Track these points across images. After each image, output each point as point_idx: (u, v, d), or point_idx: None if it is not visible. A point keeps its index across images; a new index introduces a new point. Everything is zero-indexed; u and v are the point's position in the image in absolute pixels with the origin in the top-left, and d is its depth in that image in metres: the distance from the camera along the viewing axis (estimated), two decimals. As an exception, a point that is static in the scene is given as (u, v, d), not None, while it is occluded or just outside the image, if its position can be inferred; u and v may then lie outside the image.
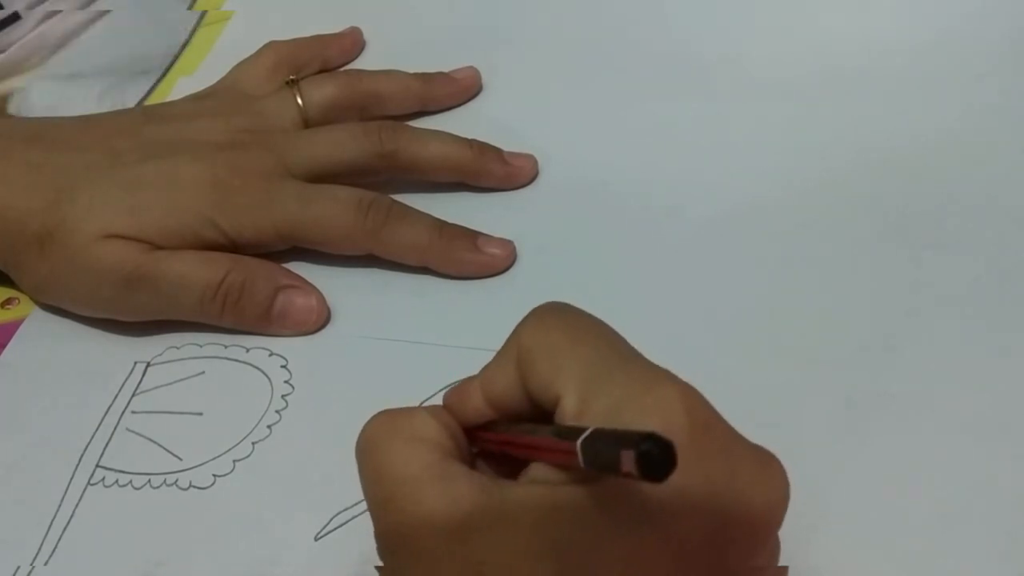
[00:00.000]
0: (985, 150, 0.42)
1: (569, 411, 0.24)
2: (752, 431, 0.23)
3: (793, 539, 0.24)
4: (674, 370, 0.26)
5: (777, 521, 0.23)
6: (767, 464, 0.23)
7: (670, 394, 0.23)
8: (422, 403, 0.36)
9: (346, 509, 0.33)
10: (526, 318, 0.27)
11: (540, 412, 0.26)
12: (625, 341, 0.26)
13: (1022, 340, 0.35)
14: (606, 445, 0.21)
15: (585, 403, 0.24)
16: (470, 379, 0.28)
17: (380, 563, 0.25)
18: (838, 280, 0.38)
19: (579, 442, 0.21)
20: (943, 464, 0.32)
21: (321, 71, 0.50)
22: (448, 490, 0.24)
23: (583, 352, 0.25)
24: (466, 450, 0.27)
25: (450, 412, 0.27)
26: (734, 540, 0.22)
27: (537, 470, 0.24)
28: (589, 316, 0.26)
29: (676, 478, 0.19)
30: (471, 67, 0.49)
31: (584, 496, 0.22)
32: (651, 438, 0.19)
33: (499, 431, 0.27)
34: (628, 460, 0.20)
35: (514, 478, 0.25)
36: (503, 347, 0.27)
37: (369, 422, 0.27)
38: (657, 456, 0.19)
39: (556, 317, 0.26)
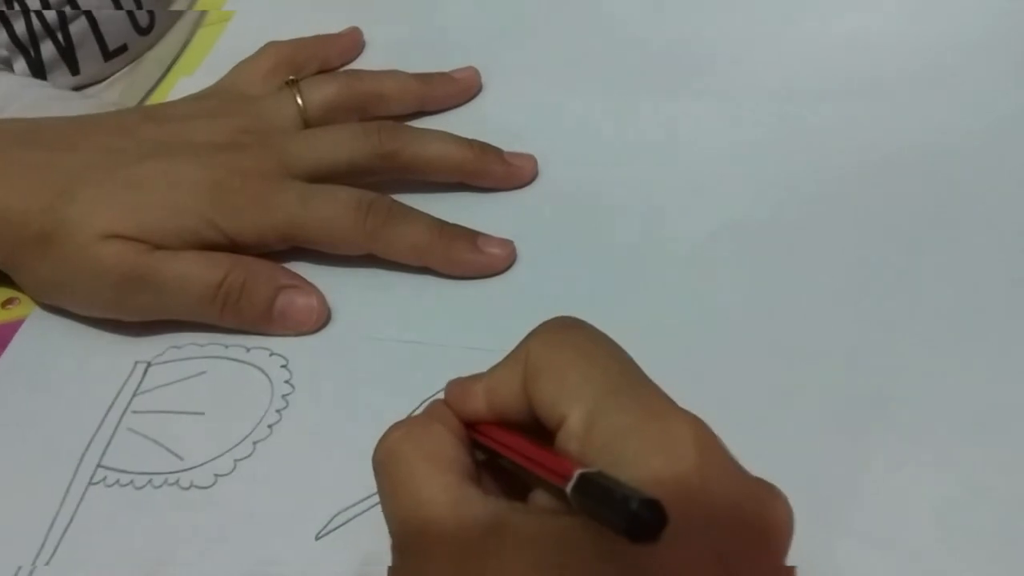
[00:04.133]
0: (987, 152, 0.42)
1: (573, 432, 0.24)
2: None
3: (799, 541, 0.24)
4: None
5: (782, 546, 0.23)
6: (772, 495, 0.24)
7: (679, 426, 0.23)
8: (423, 403, 0.36)
9: (346, 509, 0.33)
10: (536, 331, 0.27)
11: (541, 426, 0.26)
12: (636, 365, 0.26)
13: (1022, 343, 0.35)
14: (595, 499, 0.21)
15: (590, 426, 0.24)
16: (475, 378, 0.28)
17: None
18: (840, 282, 0.38)
19: (568, 489, 0.22)
20: (942, 465, 0.32)
21: (321, 71, 0.50)
22: (463, 515, 0.24)
23: (592, 373, 0.25)
24: (472, 458, 0.27)
25: (448, 407, 0.28)
26: (740, 565, 0.22)
27: (542, 496, 0.24)
28: (602, 336, 0.26)
29: (681, 509, 0.20)
30: (471, 67, 0.49)
31: (586, 527, 0.22)
32: (640, 505, 0.20)
33: (497, 434, 0.27)
34: (617, 518, 0.20)
35: (513, 487, 0.26)
36: (510, 355, 0.27)
37: (388, 434, 0.27)
38: (646, 520, 0.20)
39: (567, 334, 0.26)
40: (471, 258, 0.40)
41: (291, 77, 0.46)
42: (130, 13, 0.57)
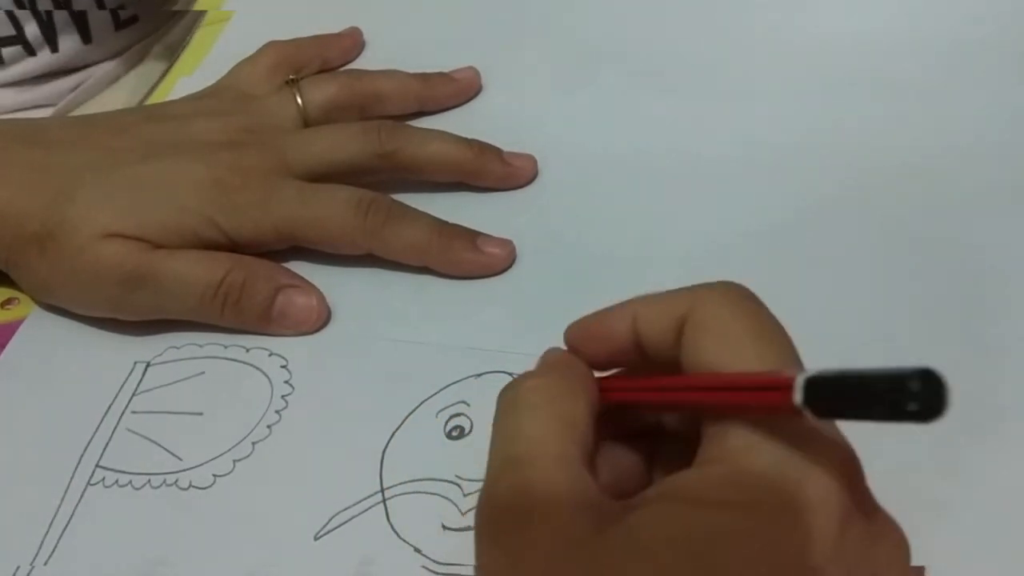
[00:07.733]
0: (989, 152, 0.42)
1: None
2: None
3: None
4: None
5: None
6: (903, 538, 0.24)
7: (833, 457, 0.23)
8: (422, 403, 0.36)
9: (346, 509, 0.33)
10: (711, 290, 0.25)
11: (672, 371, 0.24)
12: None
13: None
14: (847, 387, 0.19)
15: None
16: (621, 305, 0.26)
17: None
18: (841, 282, 0.38)
19: (799, 384, 0.19)
20: (943, 465, 0.32)
21: (321, 71, 0.50)
22: (579, 483, 0.23)
23: (767, 354, 0.24)
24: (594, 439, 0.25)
25: (587, 333, 0.26)
26: None
27: (664, 485, 0.23)
28: (774, 317, 0.25)
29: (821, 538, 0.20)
30: (471, 67, 0.49)
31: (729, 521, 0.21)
32: (925, 375, 0.18)
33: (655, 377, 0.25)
34: (884, 400, 0.18)
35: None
36: (671, 295, 0.25)
37: (530, 378, 0.25)
38: (931, 394, 0.18)
39: (745, 306, 0.25)
40: (471, 258, 0.40)
41: (291, 76, 0.46)
42: None
